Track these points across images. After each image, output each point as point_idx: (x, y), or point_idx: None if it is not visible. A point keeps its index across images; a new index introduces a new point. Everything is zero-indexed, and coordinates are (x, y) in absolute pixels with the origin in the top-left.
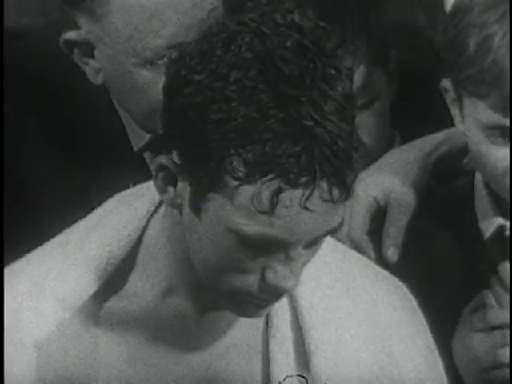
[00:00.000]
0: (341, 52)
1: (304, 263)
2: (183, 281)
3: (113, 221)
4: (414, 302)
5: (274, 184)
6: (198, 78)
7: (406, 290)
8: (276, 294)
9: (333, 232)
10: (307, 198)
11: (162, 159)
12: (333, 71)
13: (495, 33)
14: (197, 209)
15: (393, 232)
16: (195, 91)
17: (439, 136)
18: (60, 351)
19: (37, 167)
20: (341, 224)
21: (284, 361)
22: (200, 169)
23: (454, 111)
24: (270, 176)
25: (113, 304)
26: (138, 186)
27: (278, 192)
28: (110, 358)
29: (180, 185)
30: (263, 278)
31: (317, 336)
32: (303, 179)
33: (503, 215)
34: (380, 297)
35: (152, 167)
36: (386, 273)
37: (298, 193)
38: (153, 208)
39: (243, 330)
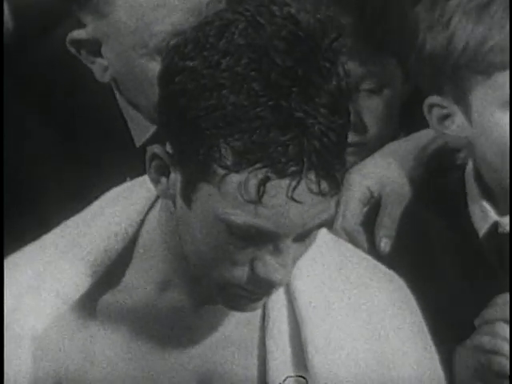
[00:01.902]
0: (338, 45)
1: (296, 258)
2: (180, 275)
3: (110, 215)
4: (411, 297)
5: (261, 173)
6: (190, 64)
7: (403, 284)
8: (266, 286)
9: (324, 226)
10: (294, 189)
11: (155, 148)
12: (327, 64)
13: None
14: (188, 199)
15: (386, 223)
16: (187, 78)
17: (432, 131)
18: (57, 344)
19: (36, 162)
20: (331, 218)
21: (280, 356)
22: (190, 158)
23: (443, 128)
24: (257, 165)
25: (109, 298)
26: (135, 181)
27: (264, 181)
28: (106, 352)
29: (172, 175)
30: (252, 269)
31: (313, 331)
32: (291, 169)
33: (495, 208)
34: (377, 292)
35: (146, 160)
36: (384, 267)
37: (284, 183)
38: (150, 202)
39: (240, 325)
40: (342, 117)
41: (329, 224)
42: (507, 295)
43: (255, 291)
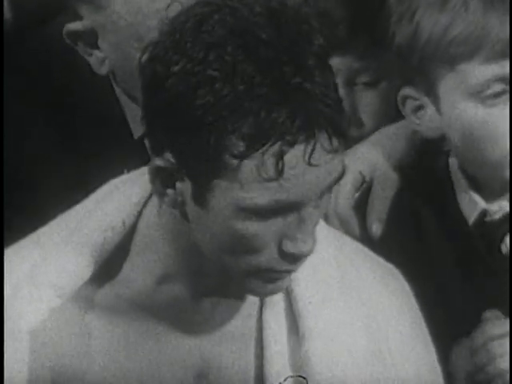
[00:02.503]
0: (311, 12)
1: (315, 224)
2: (179, 268)
3: (107, 207)
4: (408, 289)
5: (275, 149)
6: (176, 68)
7: (401, 278)
8: (296, 260)
9: (336, 183)
10: (311, 154)
11: (156, 161)
12: (306, 26)
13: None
14: (202, 201)
15: (378, 206)
16: (177, 82)
17: None
18: (54, 337)
19: (35, 155)
20: (342, 175)
21: (278, 349)
22: (198, 160)
23: (416, 119)
24: (269, 143)
25: (107, 290)
26: (132, 173)
27: (281, 155)
28: (103, 344)
29: (179, 184)
30: (281, 249)
31: (310, 324)
32: (302, 137)
33: (482, 196)
34: (375, 284)
35: (148, 172)
36: (382, 260)
37: (300, 151)
38: (147, 194)
39: (238, 318)
40: (332, 73)
41: (342, 177)
42: (496, 311)
43: (285, 269)
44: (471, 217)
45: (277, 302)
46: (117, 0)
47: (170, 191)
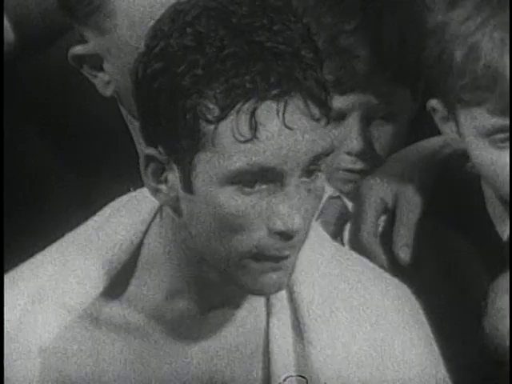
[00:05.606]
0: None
1: (308, 209)
2: (184, 281)
3: (114, 225)
4: (417, 304)
5: (248, 106)
6: (157, 49)
7: (408, 291)
8: (284, 239)
9: (324, 156)
10: (284, 112)
11: (146, 150)
12: (286, 10)
13: (480, 40)
14: (189, 185)
15: (403, 232)
16: (158, 60)
17: (440, 139)
18: (63, 355)
19: (39, 172)
20: (331, 148)
21: (284, 363)
22: (178, 136)
23: (446, 129)
24: (241, 102)
25: (116, 307)
26: (138, 191)
27: (253, 112)
28: (112, 361)
29: (170, 177)
30: (269, 229)
31: (317, 339)
32: (274, 91)
33: None
34: (382, 299)
35: (141, 165)
36: (388, 275)
37: (273, 109)
38: (153, 212)
39: (244, 331)
40: (311, 43)
41: (329, 152)
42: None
43: (277, 248)
44: (504, 235)
45: (283, 317)
46: (121, 24)
47: (162, 187)
